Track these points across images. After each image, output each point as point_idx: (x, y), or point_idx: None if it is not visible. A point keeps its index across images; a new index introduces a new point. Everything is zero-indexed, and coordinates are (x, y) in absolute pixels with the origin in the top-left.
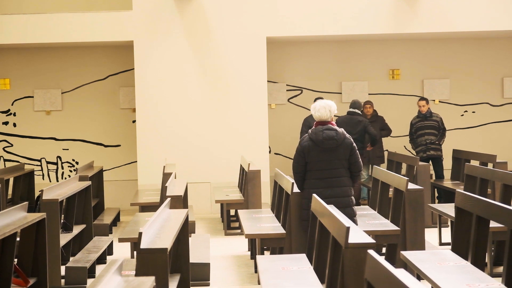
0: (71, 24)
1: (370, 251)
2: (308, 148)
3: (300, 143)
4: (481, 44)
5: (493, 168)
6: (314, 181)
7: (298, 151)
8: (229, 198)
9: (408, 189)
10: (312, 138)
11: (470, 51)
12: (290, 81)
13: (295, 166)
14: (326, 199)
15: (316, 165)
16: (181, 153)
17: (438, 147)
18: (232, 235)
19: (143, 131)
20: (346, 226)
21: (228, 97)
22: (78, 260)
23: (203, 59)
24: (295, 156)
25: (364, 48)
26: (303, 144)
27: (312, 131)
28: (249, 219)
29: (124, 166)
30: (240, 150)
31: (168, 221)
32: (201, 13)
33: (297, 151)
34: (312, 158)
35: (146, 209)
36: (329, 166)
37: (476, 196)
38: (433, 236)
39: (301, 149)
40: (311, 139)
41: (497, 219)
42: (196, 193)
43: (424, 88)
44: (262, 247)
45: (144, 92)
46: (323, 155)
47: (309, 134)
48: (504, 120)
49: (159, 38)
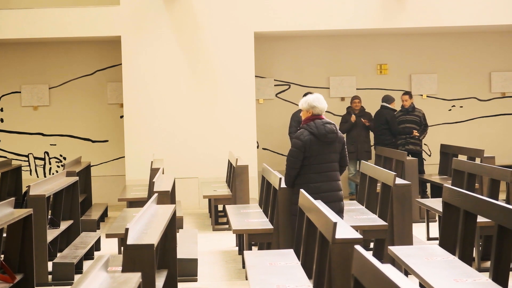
0: (59, 19)
1: (357, 246)
2: (310, 143)
3: (300, 138)
4: (469, 39)
5: (480, 163)
6: (312, 175)
7: (298, 146)
8: (217, 193)
9: (396, 184)
10: (313, 132)
11: (458, 46)
12: (278, 76)
13: (293, 162)
14: (324, 193)
15: (315, 159)
16: (169, 149)
17: (418, 142)
18: (220, 231)
19: (131, 126)
20: (333, 221)
21: (216, 92)
22: (65, 256)
23: (191, 54)
24: (294, 152)
25: (352, 43)
26: (304, 139)
27: (311, 125)
28: (237, 215)
29: (111, 161)
30: (228, 145)
31: (156, 217)
32: (189, 8)
33: (296, 146)
34: (313, 152)
35: (134, 204)
36: (327, 159)
37: (464, 191)
38: (420, 231)
39: (302, 144)
40: (312, 134)
41: (484, 214)
42: (184, 188)
43: (412, 83)
44: (250, 243)
45: (131, 88)
46: (323, 149)
47: (308, 129)
48: (491, 115)
49: (147, 33)
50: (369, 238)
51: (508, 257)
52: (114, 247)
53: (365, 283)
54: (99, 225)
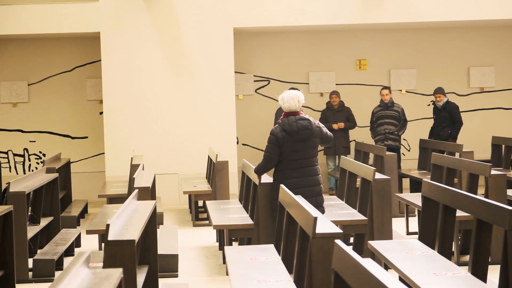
0: (38, 16)
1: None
2: (282, 139)
3: (274, 133)
4: (448, 34)
5: (459, 158)
6: (287, 171)
7: (272, 141)
8: (197, 189)
9: (376, 179)
10: (285, 128)
11: (437, 41)
12: (258, 72)
13: (269, 157)
14: (299, 188)
15: (289, 156)
16: (149, 145)
17: (396, 138)
18: (200, 226)
19: (111, 122)
20: (314, 216)
21: (195, 88)
22: (46, 252)
23: (170, 50)
24: (270, 147)
25: (331, 38)
26: (277, 135)
27: (285, 121)
28: (217, 210)
29: (91, 158)
30: (207, 141)
31: (136, 213)
32: (168, 4)
33: (271, 142)
34: (286, 148)
35: (114, 200)
36: (303, 155)
37: (443, 185)
38: (400, 226)
39: (276, 140)
40: (284, 130)
41: (463, 208)
42: (164, 184)
43: (391, 78)
44: (230, 238)
45: (111, 84)
46: (297, 145)
47: (281, 125)
48: (470, 110)
49: (126, 29)
50: (349, 233)
51: (487, 251)
52: (94, 243)
53: (346, 278)
54: (79, 222)
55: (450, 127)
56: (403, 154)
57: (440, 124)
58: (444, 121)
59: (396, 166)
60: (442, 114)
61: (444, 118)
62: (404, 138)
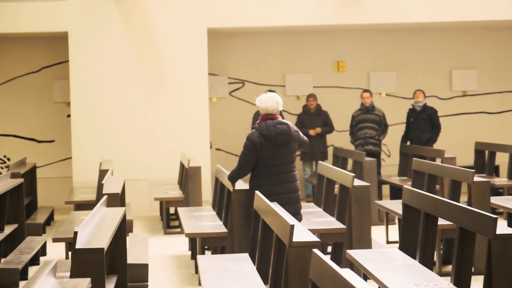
0: (3, 14)
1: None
2: (260, 145)
3: (250, 139)
4: (429, 36)
5: (441, 164)
6: (264, 178)
7: (249, 147)
8: (169, 195)
9: (354, 185)
10: (263, 133)
11: (418, 43)
12: (232, 74)
13: (244, 164)
14: (277, 195)
15: (267, 162)
16: (118, 149)
17: (377, 143)
18: (171, 234)
19: (78, 125)
20: (290, 224)
21: (167, 90)
22: (10, 261)
23: (141, 50)
24: (246, 154)
25: (309, 39)
26: (255, 140)
27: (262, 126)
28: (189, 218)
29: (58, 162)
30: (180, 146)
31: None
32: (139, 2)
33: (247, 148)
34: (264, 154)
35: (82, 207)
36: (281, 161)
37: (424, 192)
38: (380, 234)
39: (252, 146)
40: (262, 135)
41: (445, 216)
42: (134, 190)
43: (370, 80)
44: (203, 247)
45: (79, 85)
46: (275, 151)
47: (259, 130)
48: (452, 114)
49: (95, 29)
50: (327, 241)
51: (470, 261)
52: (61, 252)
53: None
54: (45, 229)
55: (429, 131)
56: (383, 159)
57: (419, 127)
58: (423, 124)
59: (376, 172)
60: (422, 116)
61: (423, 121)
62: (384, 144)
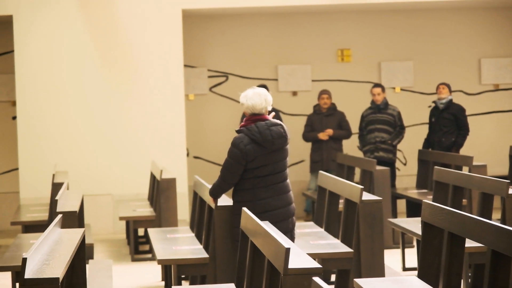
0: None
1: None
2: (253, 153)
3: (239, 146)
4: (453, 17)
5: (469, 173)
6: (258, 190)
7: (236, 157)
8: (137, 214)
9: (363, 200)
10: (256, 138)
11: (439, 26)
12: (213, 66)
13: (229, 176)
14: (275, 210)
15: (261, 171)
16: (75, 158)
17: (390, 148)
18: (140, 261)
19: (26, 130)
20: (286, 247)
21: (135, 86)
22: None
23: (102, 38)
24: (231, 164)
25: (306, 23)
26: (245, 149)
27: (253, 129)
28: (162, 241)
29: (2, 174)
30: (150, 154)
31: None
32: None
33: (233, 157)
34: (257, 163)
35: (31, 229)
36: (274, 170)
37: (448, 208)
38: (395, 260)
39: (242, 156)
40: (254, 141)
41: (474, 237)
42: (95, 208)
43: (381, 72)
44: (179, 276)
45: (27, 81)
46: (270, 158)
47: (249, 134)
48: (482, 113)
49: (46, 12)
50: (330, 268)
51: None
52: (6, 283)
53: None
54: None
55: (454, 134)
56: (398, 169)
57: (441, 129)
58: (446, 125)
59: (389, 184)
60: (445, 116)
61: (447, 121)
62: (399, 149)
